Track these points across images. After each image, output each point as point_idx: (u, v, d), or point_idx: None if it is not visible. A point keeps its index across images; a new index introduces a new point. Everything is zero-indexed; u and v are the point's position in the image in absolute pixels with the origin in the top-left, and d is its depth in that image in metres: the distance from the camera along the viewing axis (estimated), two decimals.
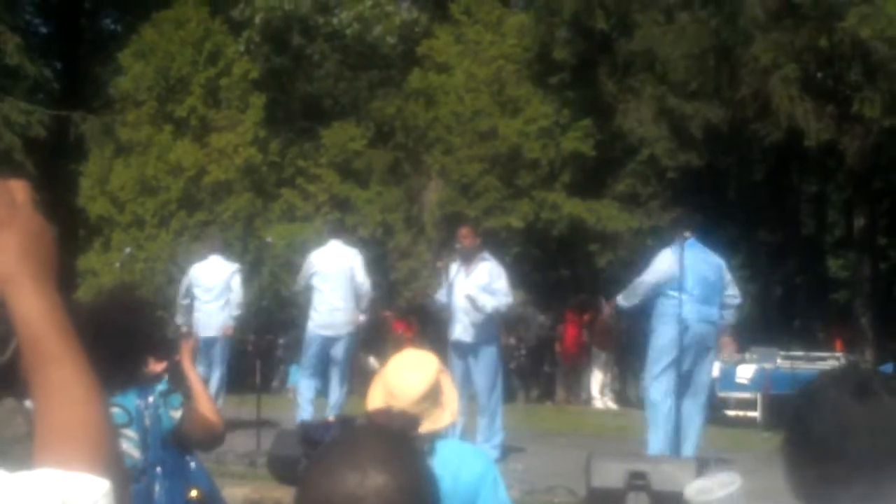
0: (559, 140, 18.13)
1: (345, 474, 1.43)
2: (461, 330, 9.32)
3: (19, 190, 1.23)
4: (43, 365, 1.18)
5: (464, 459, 3.13)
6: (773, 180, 23.21)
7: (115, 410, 3.41)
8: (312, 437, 3.14)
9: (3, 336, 3.38)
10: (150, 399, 3.50)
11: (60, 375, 1.18)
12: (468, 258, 9.38)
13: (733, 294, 8.80)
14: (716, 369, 13.12)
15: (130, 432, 3.44)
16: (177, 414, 3.55)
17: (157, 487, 3.47)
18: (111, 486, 1.14)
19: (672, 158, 17.99)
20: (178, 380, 3.79)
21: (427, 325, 14.53)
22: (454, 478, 2.99)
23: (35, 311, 1.19)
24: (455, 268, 9.41)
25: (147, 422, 3.47)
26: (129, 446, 3.43)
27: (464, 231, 9.69)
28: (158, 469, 3.48)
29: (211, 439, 3.78)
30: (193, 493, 3.55)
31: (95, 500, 1.12)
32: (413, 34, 20.58)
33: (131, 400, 3.47)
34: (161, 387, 3.57)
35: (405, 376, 3.10)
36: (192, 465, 3.66)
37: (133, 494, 3.39)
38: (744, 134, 18.32)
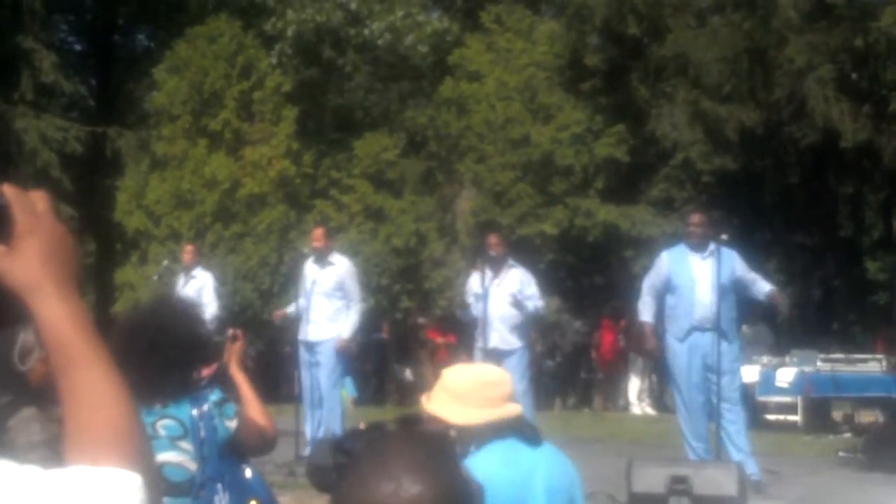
0: (592, 146, 18.07)
1: (379, 484, 1.41)
2: (498, 338, 9.31)
3: (40, 200, 1.26)
4: (69, 368, 1.21)
5: (564, 463, 3.20)
6: (809, 183, 23.00)
7: (169, 422, 3.34)
8: (344, 446, 3.13)
9: (27, 348, 3.43)
10: (205, 408, 3.39)
11: (87, 377, 1.21)
12: (498, 265, 9.42)
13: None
14: (755, 373, 13.03)
15: (185, 444, 3.34)
16: (232, 424, 3.43)
17: (217, 502, 3.34)
18: (143, 480, 1.17)
19: (707, 162, 17.88)
20: (225, 383, 3.73)
21: (465, 334, 14.50)
22: (556, 478, 3.08)
23: (59, 317, 1.22)
24: (486, 276, 9.40)
25: (203, 433, 3.36)
26: (185, 459, 3.34)
27: (494, 239, 9.73)
28: (219, 485, 3.36)
29: (263, 444, 3.66)
30: (253, 503, 3.49)
31: (127, 494, 1.14)
32: (444, 43, 20.61)
33: (185, 410, 3.36)
34: (214, 396, 3.45)
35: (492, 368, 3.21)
36: (248, 473, 3.57)
37: None
38: (779, 136, 18.21)
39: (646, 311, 8.67)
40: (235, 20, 19.13)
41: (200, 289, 10.75)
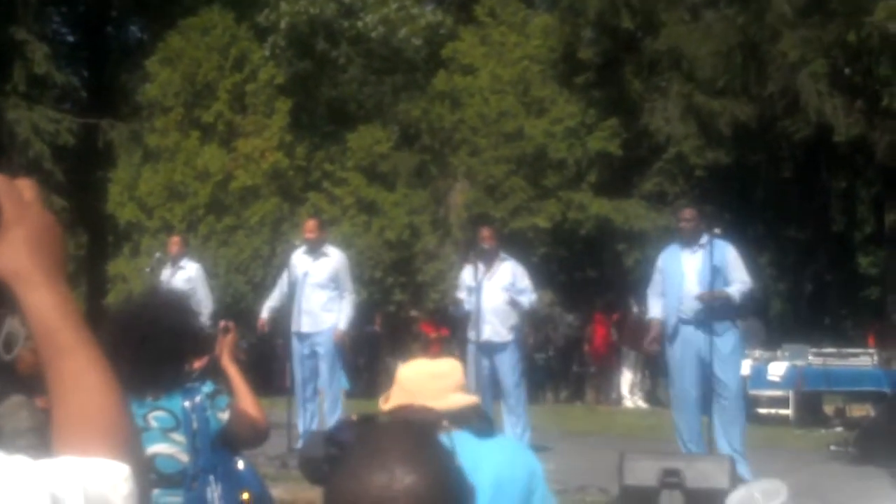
0: (585, 140, 18.07)
1: (372, 476, 1.40)
2: (491, 331, 9.33)
3: (27, 188, 1.26)
4: (56, 357, 1.21)
5: (519, 454, 3.18)
6: (802, 177, 23.03)
7: (162, 414, 3.35)
8: (336, 438, 3.12)
9: (13, 337, 3.44)
10: (197, 400, 3.39)
11: (74, 366, 1.21)
12: (490, 259, 9.43)
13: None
14: (747, 367, 13.05)
15: (178, 436, 3.35)
16: (224, 416, 3.44)
17: (209, 494, 3.35)
18: (131, 470, 1.16)
19: (700, 156, 17.89)
20: (217, 376, 3.72)
21: (458, 327, 14.53)
22: (506, 470, 3.04)
23: (46, 306, 1.22)
24: (478, 270, 9.41)
25: (195, 425, 3.37)
26: (177, 450, 3.34)
27: (486, 232, 9.76)
28: (211, 476, 3.36)
29: (256, 437, 3.66)
30: (245, 496, 3.45)
31: (115, 483, 1.14)
32: (438, 37, 20.59)
33: (177, 402, 3.37)
34: (206, 388, 3.46)
35: (427, 364, 3.15)
36: (241, 464, 3.57)
37: (185, 502, 3.33)
38: (772, 131, 18.21)
39: (653, 308, 8.58)
40: (228, 12, 19.07)
41: (190, 279, 10.73)
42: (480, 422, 3.12)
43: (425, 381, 3.05)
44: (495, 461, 3.02)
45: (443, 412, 3.01)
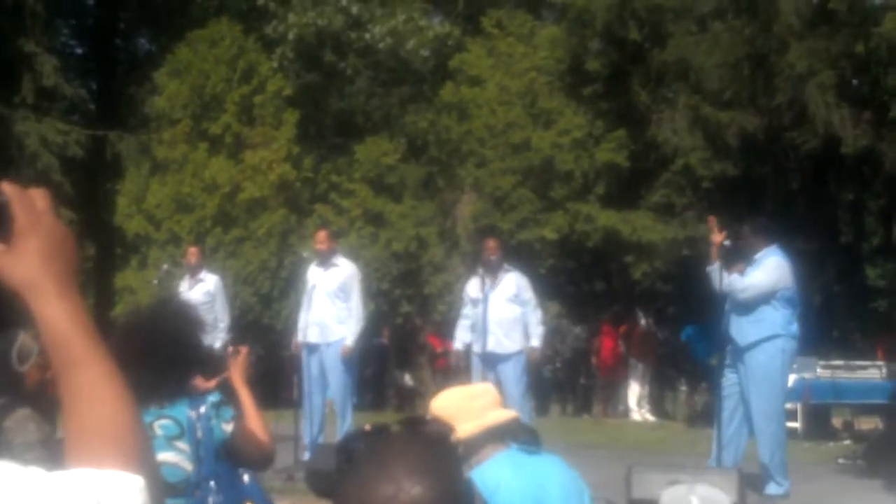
0: (593, 151, 18.07)
1: (379, 486, 1.41)
2: (494, 342, 9.33)
3: (40, 197, 1.25)
4: (69, 367, 1.21)
5: (569, 470, 3.21)
6: (809, 189, 23.00)
7: (167, 422, 3.36)
8: (347, 449, 3.12)
9: (26, 351, 3.49)
10: (202, 409, 3.40)
11: (87, 377, 1.21)
12: (494, 270, 9.45)
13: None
14: None
15: (182, 444, 3.35)
16: (228, 427, 3.44)
17: (210, 502, 3.36)
18: (145, 482, 1.16)
19: (707, 168, 17.87)
20: (229, 397, 3.73)
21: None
22: (567, 484, 3.09)
23: (59, 316, 1.21)
24: (482, 282, 9.42)
25: (199, 434, 3.37)
26: (181, 459, 3.35)
27: (492, 243, 9.79)
28: (212, 483, 3.37)
29: (261, 458, 3.65)
30: None
31: (130, 496, 1.13)
32: (445, 48, 20.61)
33: (182, 411, 3.38)
34: (213, 398, 3.47)
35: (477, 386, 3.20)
36: (245, 478, 3.57)
37: None
38: (780, 142, 18.19)
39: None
40: (236, 24, 19.13)
41: (209, 293, 10.66)
42: (526, 435, 3.14)
43: (463, 402, 3.08)
44: (558, 476, 3.04)
45: (488, 429, 3.01)
